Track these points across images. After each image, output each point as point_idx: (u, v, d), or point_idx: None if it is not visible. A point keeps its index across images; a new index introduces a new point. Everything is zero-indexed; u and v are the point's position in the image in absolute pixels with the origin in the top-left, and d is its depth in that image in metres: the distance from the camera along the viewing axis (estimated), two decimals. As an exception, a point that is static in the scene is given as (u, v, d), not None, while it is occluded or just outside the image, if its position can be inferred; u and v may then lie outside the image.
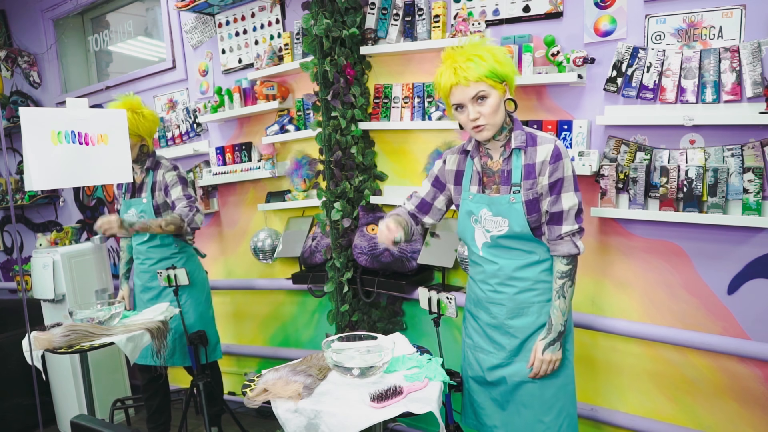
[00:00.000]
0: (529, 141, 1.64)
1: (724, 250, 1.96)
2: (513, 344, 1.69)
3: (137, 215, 2.58)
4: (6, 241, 4.69)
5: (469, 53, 1.56)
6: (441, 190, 1.84)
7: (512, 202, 1.62)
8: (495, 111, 1.58)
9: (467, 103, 1.58)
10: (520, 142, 1.63)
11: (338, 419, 1.35)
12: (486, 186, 1.70)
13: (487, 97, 1.57)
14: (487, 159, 1.71)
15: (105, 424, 1.29)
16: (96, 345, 2.02)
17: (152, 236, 2.60)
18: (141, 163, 2.61)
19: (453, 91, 1.59)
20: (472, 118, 1.59)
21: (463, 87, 1.56)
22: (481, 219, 1.68)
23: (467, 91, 1.56)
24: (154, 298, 2.63)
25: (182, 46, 3.33)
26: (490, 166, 1.70)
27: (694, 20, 1.92)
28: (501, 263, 1.68)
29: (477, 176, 1.71)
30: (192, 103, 3.34)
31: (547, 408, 1.67)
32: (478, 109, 1.58)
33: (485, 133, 1.61)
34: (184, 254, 2.67)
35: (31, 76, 4.24)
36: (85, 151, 1.74)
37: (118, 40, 3.93)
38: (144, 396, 2.72)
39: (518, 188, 1.62)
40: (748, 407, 1.98)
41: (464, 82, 1.55)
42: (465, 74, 1.54)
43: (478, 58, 1.55)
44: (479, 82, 1.55)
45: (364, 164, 2.68)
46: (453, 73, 1.56)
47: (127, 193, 2.66)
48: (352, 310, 2.61)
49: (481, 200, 1.68)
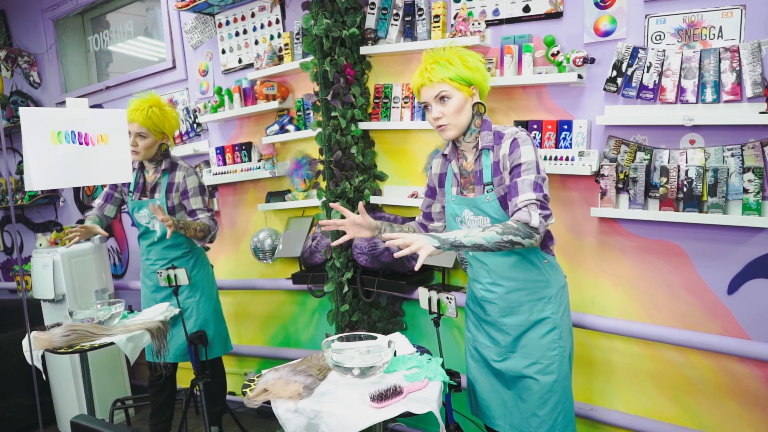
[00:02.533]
0: (496, 139, 1.70)
1: (724, 250, 1.96)
2: (507, 340, 1.75)
3: (150, 216, 2.57)
4: (6, 241, 4.69)
5: (437, 57, 1.67)
6: (433, 197, 1.92)
7: (488, 201, 1.68)
8: (457, 112, 1.66)
9: (431, 102, 1.68)
10: (487, 142, 1.70)
11: (338, 419, 1.35)
12: (464, 187, 1.77)
13: (450, 98, 1.65)
14: (463, 161, 1.78)
15: (105, 424, 1.29)
16: (96, 345, 2.02)
17: (160, 237, 2.58)
18: (157, 163, 2.59)
19: (421, 90, 1.70)
20: (434, 117, 1.68)
21: (428, 87, 1.67)
22: (466, 220, 1.75)
23: (431, 90, 1.66)
24: (165, 298, 2.63)
25: (182, 46, 3.33)
26: (465, 167, 1.77)
27: (694, 20, 1.92)
28: (488, 261, 1.74)
29: (455, 179, 1.79)
30: (192, 103, 3.34)
31: (543, 402, 1.70)
32: (441, 108, 1.67)
33: (448, 133, 1.70)
34: (195, 253, 2.67)
35: (31, 76, 4.24)
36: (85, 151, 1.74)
37: (118, 40, 3.93)
38: (150, 392, 2.71)
39: (491, 187, 1.68)
40: (748, 407, 1.98)
41: (428, 82, 1.66)
42: (429, 75, 1.65)
43: (445, 61, 1.65)
44: (441, 82, 1.64)
45: (364, 164, 2.68)
46: (420, 74, 1.69)
47: (136, 192, 2.62)
48: (352, 310, 2.61)
49: (462, 202, 1.75)
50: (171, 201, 2.55)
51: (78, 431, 1.29)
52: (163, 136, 2.54)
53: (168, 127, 2.52)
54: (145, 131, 2.46)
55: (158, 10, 3.55)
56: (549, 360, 1.70)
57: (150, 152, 2.53)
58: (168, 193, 2.56)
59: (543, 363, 1.70)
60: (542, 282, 1.72)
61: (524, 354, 1.72)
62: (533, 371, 1.70)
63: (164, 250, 2.61)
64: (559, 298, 1.75)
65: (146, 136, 2.47)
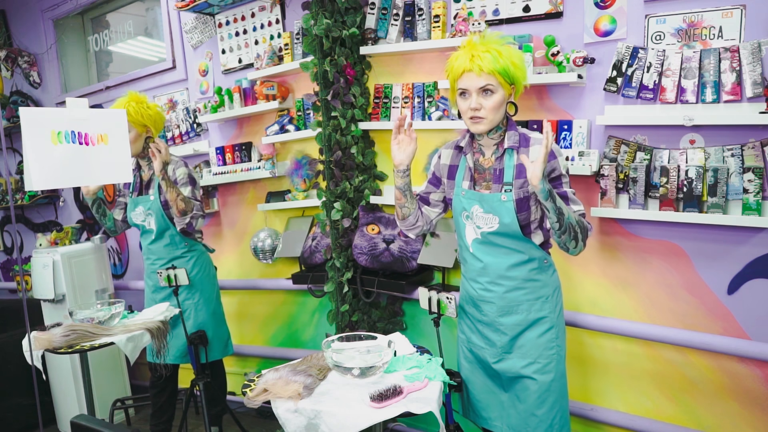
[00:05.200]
0: (522, 142, 1.68)
1: (724, 250, 1.96)
2: (503, 341, 1.73)
3: (144, 212, 2.58)
4: (6, 241, 4.69)
5: (489, 46, 1.60)
6: (437, 186, 1.88)
7: (503, 201, 1.65)
8: (497, 108, 1.62)
9: (473, 91, 1.61)
10: (513, 143, 1.67)
11: (338, 419, 1.35)
12: (477, 182, 1.74)
13: (494, 93, 1.61)
14: (479, 155, 1.75)
15: (105, 424, 1.29)
16: (96, 345, 2.02)
17: (162, 236, 2.59)
18: (148, 159, 2.60)
19: (464, 76, 1.62)
20: (473, 107, 1.62)
21: (475, 75, 1.60)
22: (473, 215, 1.72)
23: (477, 80, 1.60)
24: (164, 298, 2.63)
25: (182, 46, 3.33)
26: (482, 162, 1.74)
27: (694, 20, 1.92)
28: (489, 260, 1.71)
29: (468, 172, 1.75)
30: (192, 103, 3.34)
31: (541, 402, 1.70)
32: (482, 101, 1.61)
33: (481, 126, 1.65)
34: (194, 252, 2.66)
35: (31, 76, 4.24)
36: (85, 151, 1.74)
37: (118, 40, 3.93)
38: (151, 392, 2.71)
39: (510, 187, 1.66)
40: (748, 407, 1.98)
41: (477, 70, 1.59)
42: (480, 63, 1.58)
43: (496, 53, 1.58)
44: (491, 75, 1.59)
45: (364, 164, 2.68)
46: (469, 59, 1.60)
47: (134, 191, 2.64)
48: (352, 310, 2.61)
49: (473, 197, 1.71)
50: (164, 196, 2.54)
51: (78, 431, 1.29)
52: (147, 129, 2.54)
53: (148, 118, 2.51)
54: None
55: (158, 10, 3.55)
56: (547, 359, 1.70)
57: (137, 147, 2.53)
58: (161, 188, 2.56)
59: (541, 362, 1.70)
60: (541, 281, 1.72)
61: (522, 354, 1.71)
62: (531, 371, 1.70)
63: (163, 249, 2.61)
64: (555, 297, 1.75)
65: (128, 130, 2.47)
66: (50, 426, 3.37)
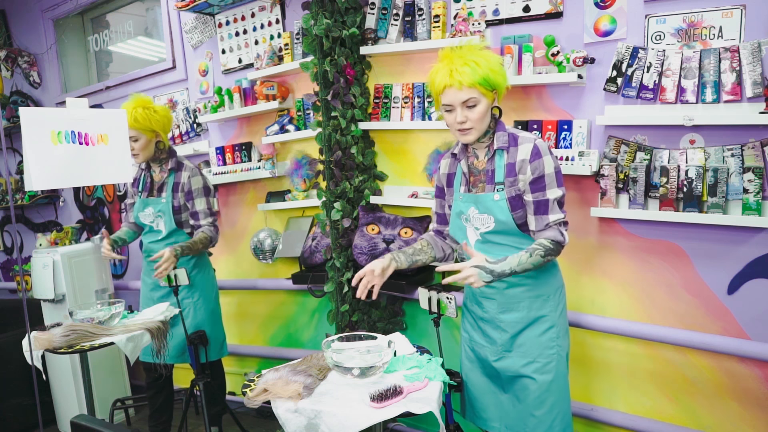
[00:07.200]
0: (511, 141, 1.70)
1: (724, 250, 1.96)
2: (504, 338, 1.74)
3: (154, 214, 2.59)
4: (6, 241, 4.69)
5: (466, 57, 1.61)
6: (443, 197, 1.91)
7: (496, 200, 1.67)
8: (482, 118, 1.65)
9: (457, 105, 1.63)
10: (502, 143, 1.69)
11: (338, 419, 1.35)
12: (472, 185, 1.77)
13: (477, 104, 1.63)
14: (474, 159, 1.77)
15: (105, 424, 1.29)
16: (96, 345, 2.02)
17: (169, 237, 2.59)
18: (160, 162, 2.61)
19: (446, 91, 1.64)
20: (459, 121, 1.64)
21: (456, 90, 1.61)
22: (470, 217, 1.74)
23: (459, 94, 1.61)
24: (164, 296, 2.63)
25: (182, 46, 3.33)
26: (476, 165, 1.77)
27: (694, 20, 1.92)
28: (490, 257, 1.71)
29: (464, 177, 1.78)
30: (192, 103, 3.34)
31: (540, 402, 1.70)
32: (467, 114, 1.64)
33: (469, 137, 1.68)
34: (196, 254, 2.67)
35: (31, 76, 4.24)
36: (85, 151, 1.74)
37: (118, 40, 3.93)
38: (148, 394, 2.72)
39: (501, 186, 1.68)
40: (748, 407, 1.98)
41: (458, 85, 1.60)
42: (460, 78, 1.59)
43: (474, 64, 1.59)
44: (472, 88, 1.60)
45: (364, 164, 2.68)
46: (449, 74, 1.61)
47: (144, 191, 2.64)
48: (352, 310, 2.61)
49: (468, 199, 1.74)
50: (177, 200, 2.57)
51: (78, 431, 1.29)
52: (156, 134, 2.54)
53: (157, 123, 2.51)
54: (135, 133, 2.47)
55: (158, 10, 3.55)
56: (547, 359, 1.70)
57: (148, 152, 2.54)
58: (174, 192, 2.57)
59: (541, 362, 1.70)
60: (542, 279, 1.72)
61: (522, 353, 1.71)
62: (530, 370, 1.70)
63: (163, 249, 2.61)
64: (557, 296, 1.75)
65: (138, 138, 2.49)
66: (50, 426, 3.37)
